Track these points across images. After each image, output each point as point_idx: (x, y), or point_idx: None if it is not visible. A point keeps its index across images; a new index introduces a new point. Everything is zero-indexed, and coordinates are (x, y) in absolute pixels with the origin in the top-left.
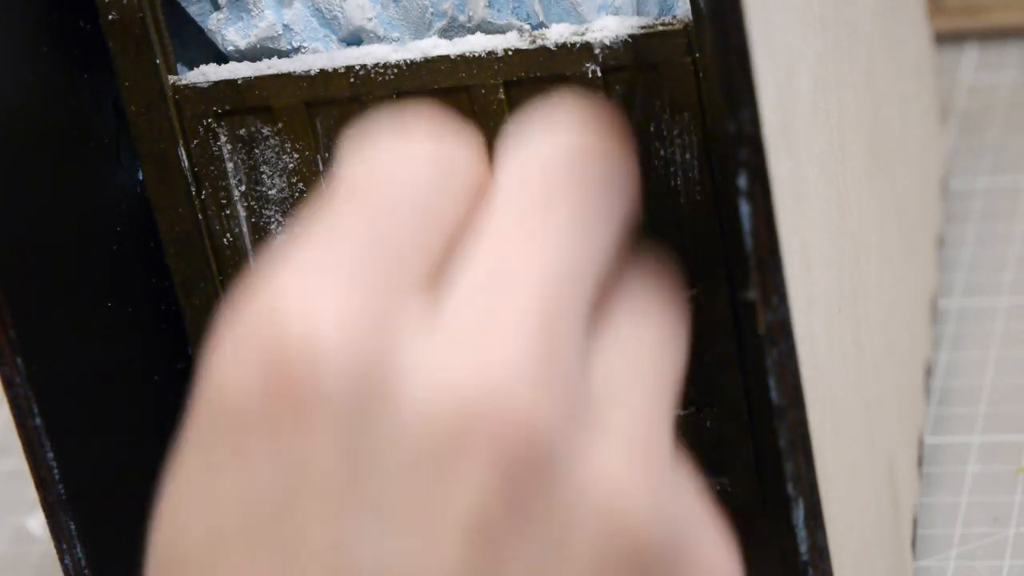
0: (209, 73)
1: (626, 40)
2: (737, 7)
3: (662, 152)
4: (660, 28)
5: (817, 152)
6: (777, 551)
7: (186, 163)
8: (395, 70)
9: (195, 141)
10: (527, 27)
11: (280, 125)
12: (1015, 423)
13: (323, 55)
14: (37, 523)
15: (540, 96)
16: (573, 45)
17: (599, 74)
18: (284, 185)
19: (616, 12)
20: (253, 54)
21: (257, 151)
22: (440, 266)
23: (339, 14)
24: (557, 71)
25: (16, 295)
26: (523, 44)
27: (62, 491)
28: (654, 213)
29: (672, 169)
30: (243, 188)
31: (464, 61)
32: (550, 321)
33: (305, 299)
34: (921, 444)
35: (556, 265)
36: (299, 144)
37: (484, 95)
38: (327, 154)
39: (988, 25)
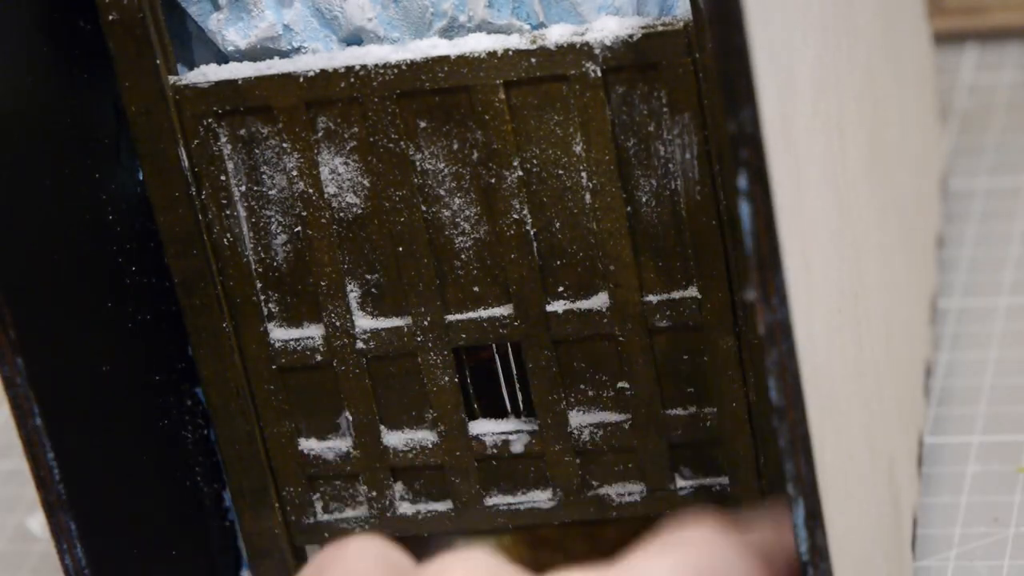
0: (209, 73)
1: (626, 40)
2: (737, 7)
3: (662, 152)
4: (660, 28)
5: (817, 152)
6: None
7: (186, 163)
8: (395, 70)
9: (195, 141)
10: (527, 27)
11: (280, 125)
12: (1014, 423)
13: (323, 55)
14: (37, 523)
15: (540, 96)
16: (573, 45)
17: (599, 74)
18: (284, 185)
19: (616, 12)
20: (253, 54)
21: (257, 151)
22: None
23: (339, 14)
24: (557, 71)
25: (16, 295)
26: (523, 44)
27: (62, 491)
28: (654, 213)
29: (672, 169)
30: (243, 188)
31: (464, 61)
32: None
33: None
34: (921, 444)
35: None
36: (299, 144)
37: (484, 95)
38: (327, 154)
39: (988, 25)
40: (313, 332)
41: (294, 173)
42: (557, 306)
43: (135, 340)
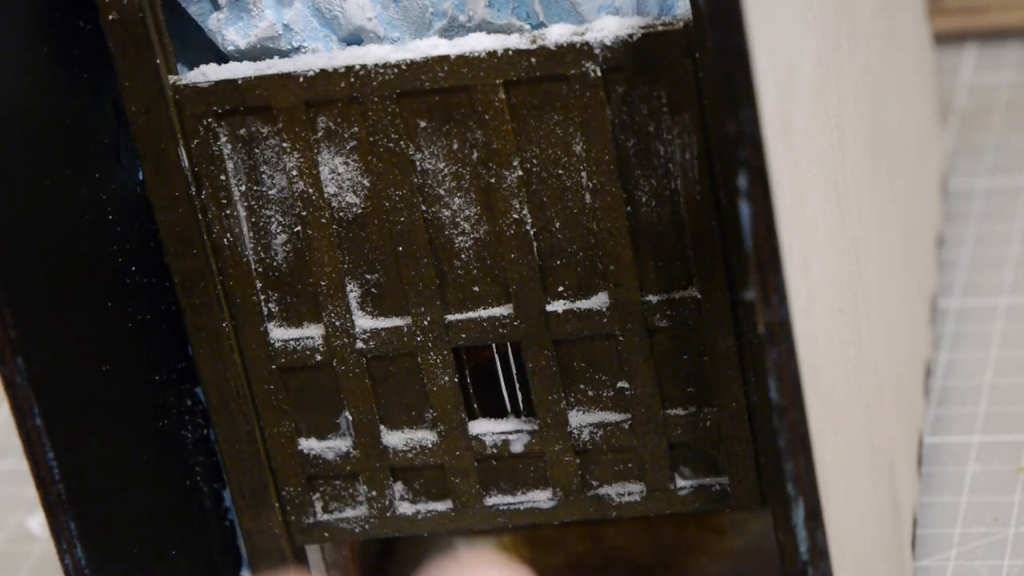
0: (209, 73)
1: (626, 40)
2: (737, 7)
3: (662, 152)
4: (660, 28)
5: (817, 152)
6: (777, 551)
7: (186, 163)
8: (395, 70)
9: (195, 141)
10: (527, 27)
11: (280, 125)
12: (1014, 423)
13: (323, 55)
14: (37, 523)
15: (540, 96)
16: (573, 45)
17: (599, 74)
18: (284, 185)
19: (616, 12)
20: (253, 54)
21: (257, 151)
22: None
23: (339, 14)
24: (557, 71)
25: (16, 295)
26: (523, 44)
27: (62, 491)
28: (654, 213)
29: (672, 169)
30: (243, 188)
31: (464, 61)
32: None
33: None
34: (921, 444)
35: None
36: (299, 144)
37: (484, 95)
38: (327, 154)
39: (988, 25)
40: (313, 332)
41: (294, 173)
42: (557, 306)
43: (135, 340)
